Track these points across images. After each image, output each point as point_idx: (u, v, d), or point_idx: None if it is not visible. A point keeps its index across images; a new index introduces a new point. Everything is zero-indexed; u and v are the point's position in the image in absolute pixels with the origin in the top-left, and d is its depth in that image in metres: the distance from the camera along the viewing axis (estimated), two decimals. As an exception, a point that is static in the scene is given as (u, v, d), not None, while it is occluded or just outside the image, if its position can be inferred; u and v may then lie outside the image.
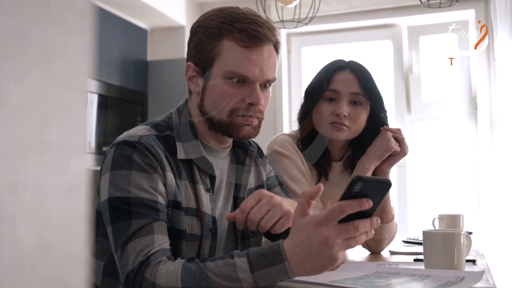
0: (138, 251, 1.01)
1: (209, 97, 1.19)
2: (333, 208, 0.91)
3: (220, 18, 1.17)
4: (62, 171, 0.38)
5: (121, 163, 1.09)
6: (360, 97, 1.59)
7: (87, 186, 0.40)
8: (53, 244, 0.37)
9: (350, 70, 1.60)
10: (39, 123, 0.37)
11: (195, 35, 1.20)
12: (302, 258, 0.93)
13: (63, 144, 0.38)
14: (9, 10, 0.36)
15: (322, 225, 0.91)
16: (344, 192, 0.90)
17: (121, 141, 1.13)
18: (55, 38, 0.38)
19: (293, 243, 0.94)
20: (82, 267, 0.39)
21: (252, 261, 0.94)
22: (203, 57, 1.18)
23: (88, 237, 0.40)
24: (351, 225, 0.91)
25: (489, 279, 1.17)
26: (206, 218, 1.18)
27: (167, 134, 1.18)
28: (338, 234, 0.91)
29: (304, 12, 2.83)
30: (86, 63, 0.40)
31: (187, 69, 1.21)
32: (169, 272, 0.97)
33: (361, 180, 0.88)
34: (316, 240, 0.91)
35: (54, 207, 0.37)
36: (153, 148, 1.11)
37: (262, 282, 0.94)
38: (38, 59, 0.37)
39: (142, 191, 1.07)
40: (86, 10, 0.41)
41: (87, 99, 0.39)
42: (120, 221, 1.05)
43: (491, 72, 3.48)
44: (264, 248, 0.96)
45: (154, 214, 1.06)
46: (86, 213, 0.40)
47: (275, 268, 0.93)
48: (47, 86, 0.38)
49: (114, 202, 1.07)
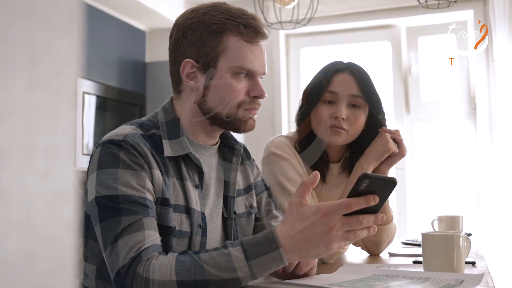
0: (129, 248, 1.00)
1: (215, 92, 1.18)
2: (341, 203, 0.96)
3: (221, 14, 1.17)
4: (48, 176, 0.37)
5: (108, 162, 1.09)
6: (358, 100, 1.59)
7: (74, 192, 0.39)
8: (39, 252, 0.36)
9: (349, 73, 1.60)
10: (24, 128, 0.36)
11: (191, 32, 1.18)
12: (299, 245, 0.96)
13: (49, 149, 0.37)
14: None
15: (329, 216, 0.95)
16: (351, 189, 0.95)
17: (106, 140, 1.12)
18: (42, 41, 0.37)
19: (291, 230, 0.97)
20: (69, 275, 0.38)
21: (247, 250, 0.97)
22: (206, 53, 1.16)
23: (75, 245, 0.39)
24: (355, 219, 0.96)
25: (488, 281, 1.16)
26: (195, 214, 1.17)
27: (153, 133, 1.18)
28: (342, 226, 0.95)
29: (302, 13, 2.83)
30: (74, 66, 0.39)
31: (184, 66, 1.19)
32: (163, 266, 0.97)
33: (367, 177, 0.93)
34: (320, 228, 0.95)
35: (40, 214, 0.36)
36: (139, 146, 1.11)
37: (258, 270, 0.97)
38: (24, 62, 0.36)
39: (130, 189, 1.06)
40: (74, 11, 0.40)
41: (74, 103, 0.38)
42: (109, 219, 1.04)
43: (490, 72, 3.47)
44: (257, 236, 0.99)
45: (144, 210, 1.05)
46: (74, 220, 0.39)
47: (270, 255, 0.96)
48: (33, 90, 0.37)
49: (102, 200, 1.06)
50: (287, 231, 0.97)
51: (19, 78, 0.36)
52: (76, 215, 0.39)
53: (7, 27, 0.35)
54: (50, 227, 0.37)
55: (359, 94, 1.58)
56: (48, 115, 0.37)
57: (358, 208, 0.95)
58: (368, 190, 0.94)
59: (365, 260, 1.60)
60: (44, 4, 0.38)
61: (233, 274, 0.96)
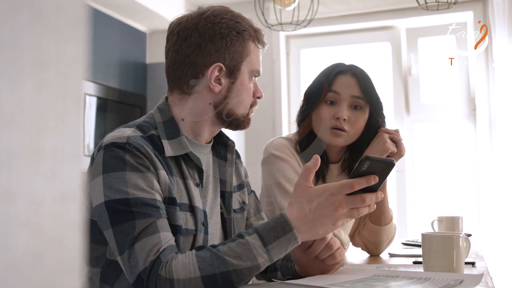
0: (148, 251, 1.02)
1: (237, 95, 1.24)
2: (344, 183, 1.05)
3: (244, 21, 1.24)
4: (55, 178, 0.38)
5: (114, 165, 1.09)
6: (360, 101, 1.60)
7: (81, 194, 0.40)
8: (46, 252, 0.37)
9: (352, 74, 1.62)
10: (32, 131, 0.37)
11: (221, 37, 1.20)
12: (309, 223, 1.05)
13: (56, 151, 0.38)
14: (1, 17, 0.35)
15: (334, 196, 1.04)
16: (353, 170, 1.05)
17: (109, 143, 1.12)
18: (49, 45, 0.38)
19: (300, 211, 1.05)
20: (76, 275, 0.39)
21: (263, 236, 1.03)
22: (234, 58, 1.22)
23: (82, 245, 0.40)
24: (359, 197, 1.05)
25: (488, 281, 1.16)
26: (199, 212, 1.19)
27: (152, 134, 1.18)
28: (346, 204, 1.05)
29: (303, 15, 2.83)
30: (80, 69, 0.40)
31: (214, 70, 1.20)
32: (185, 265, 1.00)
33: (368, 159, 1.02)
34: (328, 207, 1.04)
35: (47, 215, 0.37)
36: (143, 148, 1.12)
37: (275, 253, 1.04)
38: (31, 66, 0.37)
39: (140, 191, 1.07)
40: (80, 16, 0.40)
41: (81, 106, 0.39)
42: (123, 223, 1.05)
43: (489, 73, 3.48)
44: (269, 222, 1.06)
45: (156, 212, 1.07)
46: (80, 220, 0.39)
47: (286, 238, 1.04)
48: (40, 93, 0.38)
49: (112, 204, 1.06)
50: (296, 213, 1.06)
51: (26, 82, 0.37)
52: (83, 216, 0.40)
53: (15, 31, 0.36)
54: (57, 227, 0.37)
55: (360, 95, 1.60)
56: (55, 117, 0.38)
57: (360, 188, 1.04)
58: (369, 171, 1.04)
59: (365, 261, 1.61)
60: (51, 9, 0.39)
61: (254, 261, 1.01)
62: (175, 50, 1.23)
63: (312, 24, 2.81)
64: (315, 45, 4.06)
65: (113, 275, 1.14)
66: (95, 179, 1.10)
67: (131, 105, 3.60)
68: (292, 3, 2.68)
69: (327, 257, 1.17)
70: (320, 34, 4.01)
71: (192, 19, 1.23)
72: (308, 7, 2.75)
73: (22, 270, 0.35)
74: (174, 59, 1.23)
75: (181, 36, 1.22)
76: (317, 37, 4.03)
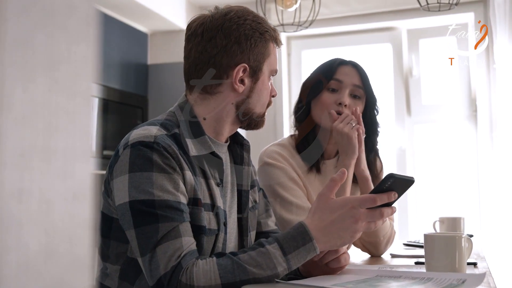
0: (169, 256, 1.03)
1: (258, 94, 1.27)
2: (367, 198, 1.07)
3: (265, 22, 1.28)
4: (66, 177, 0.38)
5: (141, 164, 1.09)
6: (360, 90, 1.69)
7: (91, 192, 0.40)
8: (58, 249, 0.37)
9: (352, 65, 1.72)
10: (44, 130, 0.37)
11: (246, 38, 1.22)
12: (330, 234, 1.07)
13: (67, 150, 0.38)
14: (14, 18, 0.36)
15: (355, 209, 1.06)
16: (377, 186, 1.09)
17: (136, 142, 1.11)
18: (60, 45, 0.39)
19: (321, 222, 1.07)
20: (87, 272, 0.39)
21: (283, 246, 1.05)
22: (257, 59, 1.24)
23: (92, 242, 0.40)
24: (378, 211, 1.08)
25: (490, 281, 1.17)
26: (221, 212, 1.20)
27: (175, 132, 1.18)
28: (365, 217, 1.07)
29: (304, 16, 2.84)
30: (91, 69, 0.41)
31: (239, 70, 1.22)
32: (206, 272, 1.01)
33: (392, 177, 1.06)
34: (348, 220, 1.06)
35: (59, 213, 0.37)
36: (170, 148, 1.11)
37: (294, 262, 1.05)
38: (43, 66, 0.38)
39: (166, 193, 1.07)
40: (90, 17, 0.41)
41: (91, 105, 0.39)
42: (146, 225, 1.05)
43: (490, 74, 3.48)
44: (290, 231, 1.07)
45: (179, 216, 1.07)
46: (91, 218, 0.40)
47: (305, 248, 1.05)
48: (52, 93, 0.38)
49: (137, 205, 1.06)
50: (316, 223, 1.07)
51: (38, 81, 0.37)
52: (93, 214, 0.40)
53: (27, 33, 0.37)
54: (68, 226, 0.38)
55: (360, 84, 1.70)
56: (66, 117, 0.39)
57: (382, 203, 1.07)
58: (390, 187, 1.08)
59: (367, 262, 1.61)
60: (62, 10, 0.39)
61: (274, 270, 1.03)
62: (199, 50, 1.22)
63: (313, 25, 2.82)
64: (317, 46, 4.06)
65: (134, 273, 1.15)
66: (120, 177, 1.10)
67: (132, 106, 3.60)
68: (293, 4, 2.69)
69: (332, 260, 1.18)
70: (322, 35, 4.02)
71: (216, 20, 1.22)
72: (310, 8, 2.75)
73: (34, 267, 0.36)
74: (197, 59, 1.23)
75: (205, 36, 1.22)
76: (318, 38, 4.04)
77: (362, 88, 1.69)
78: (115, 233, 1.15)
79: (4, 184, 0.35)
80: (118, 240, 1.14)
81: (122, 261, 1.17)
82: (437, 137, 3.76)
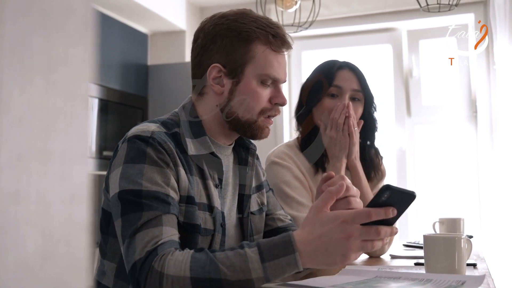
0: (146, 242, 1.01)
1: (240, 97, 1.21)
2: (361, 212, 0.96)
3: (251, 22, 1.21)
4: (64, 179, 0.38)
5: (134, 157, 1.10)
6: (359, 94, 1.74)
7: (89, 194, 0.40)
8: (55, 251, 0.37)
9: (350, 69, 1.76)
10: (41, 132, 0.37)
11: (221, 38, 1.20)
12: (317, 250, 0.96)
13: (65, 152, 0.38)
14: (11, 20, 0.36)
15: (348, 223, 0.95)
16: (372, 199, 0.96)
17: (133, 135, 1.13)
18: (58, 47, 0.39)
19: (309, 235, 0.97)
20: (84, 273, 0.39)
21: (263, 251, 0.97)
22: (234, 59, 1.20)
23: (90, 244, 0.40)
24: (374, 229, 0.95)
25: (490, 283, 1.17)
26: (217, 213, 1.19)
27: (175, 131, 1.19)
28: (359, 234, 0.95)
29: (304, 16, 2.84)
30: (88, 71, 0.41)
31: (212, 70, 1.21)
32: (178, 262, 0.98)
33: (389, 189, 0.93)
34: (339, 235, 0.95)
35: (56, 215, 0.37)
36: (166, 144, 1.12)
37: (272, 273, 0.97)
38: (40, 68, 0.38)
39: (155, 185, 1.07)
40: (88, 18, 0.41)
41: (88, 107, 0.39)
42: (130, 213, 1.05)
43: (490, 75, 3.48)
44: (274, 239, 0.99)
45: (165, 207, 1.06)
46: (88, 220, 0.40)
47: (285, 259, 0.96)
48: (49, 95, 0.38)
49: (125, 195, 1.07)
50: (305, 236, 0.98)
51: (36, 83, 0.37)
52: (91, 216, 0.40)
53: (25, 35, 0.37)
54: (66, 228, 0.38)
55: (359, 88, 1.74)
56: (63, 119, 0.39)
57: (378, 218, 0.95)
58: (388, 201, 0.95)
59: (366, 262, 1.61)
60: (60, 12, 0.39)
61: (247, 275, 0.96)
62: (191, 51, 1.28)
63: (313, 26, 2.82)
64: (317, 47, 4.06)
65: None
66: (115, 170, 1.11)
67: (133, 107, 3.60)
68: (293, 5, 2.69)
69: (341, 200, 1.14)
70: (322, 36, 4.02)
71: (203, 21, 1.26)
72: (310, 9, 2.75)
73: (31, 269, 0.36)
74: (191, 60, 1.28)
75: (194, 38, 1.27)
76: (318, 39, 4.04)
77: (361, 91, 1.74)
78: (112, 229, 1.15)
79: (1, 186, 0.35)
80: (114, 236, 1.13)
81: (118, 258, 1.17)
82: (437, 138, 3.76)
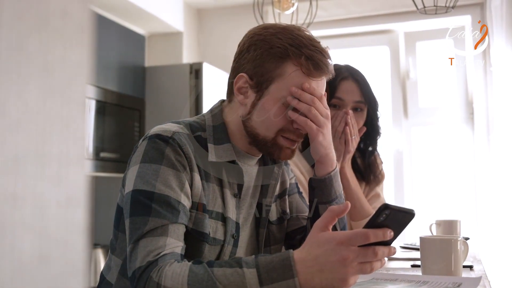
0: (148, 251, 1.01)
1: (260, 113, 1.16)
2: (358, 233, 0.91)
3: (288, 39, 1.14)
4: (60, 182, 0.38)
5: (152, 156, 1.09)
6: (361, 105, 1.75)
7: (85, 197, 0.40)
8: (52, 254, 0.37)
9: (353, 80, 1.75)
10: (38, 135, 0.37)
11: (254, 48, 1.16)
12: (313, 272, 0.92)
13: (61, 155, 0.39)
14: (8, 23, 0.36)
15: (343, 245, 0.90)
16: (369, 219, 0.91)
17: (154, 134, 1.12)
18: (54, 51, 0.39)
19: (307, 255, 0.93)
20: (81, 277, 0.39)
21: (261, 274, 0.93)
22: (261, 73, 1.15)
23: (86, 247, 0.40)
24: (371, 250, 0.90)
25: (486, 285, 1.17)
26: (230, 223, 1.17)
27: (199, 135, 1.17)
28: (356, 256, 0.90)
29: (301, 18, 2.84)
30: (85, 75, 0.41)
31: (239, 79, 1.17)
32: (175, 274, 0.97)
33: (388, 208, 0.89)
34: (334, 258, 0.90)
35: (53, 218, 0.37)
36: (185, 147, 1.11)
37: None
38: (37, 71, 0.38)
39: (168, 188, 1.06)
40: (85, 22, 0.41)
41: (85, 111, 0.40)
42: (138, 216, 1.04)
43: (487, 77, 3.49)
44: (274, 259, 0.95)
45: (173, 216, 1.05)
46: (85, 224, 0.40)
47: (284, 283, 0.92)
48: (46, 98, 0.38)
49: (137, 194, 1.06)
50: (304, 256, 0.93)
51: (33, 87, 0.38)
52: (87, 219, 0.40)
53: (21, 38, 0.37)
54: (62, 231, 0.38)
55: (362, 99, 1.74)
56: (60, 122, 0.39)
57: (376, 240, 0.90)
58: (387, 221, 0.91)
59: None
60: (57, 15, 0.39)
61: None
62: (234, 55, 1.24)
63: (310, 27, 2.81)
64: (314, 49, 4.06)
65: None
66: (132, 167, 1.10)
67: (130, 108, 3.60)
68: (290, 7, 2.69)
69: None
70: (319, 37, 4.02)
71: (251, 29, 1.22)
72: (307, 11, 2.76)
73: (28, 273, 0.36)
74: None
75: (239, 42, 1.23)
76: (315, 41, 4.05)
77: (364, 102, 1.75)
78: (123, 225, 1.14)
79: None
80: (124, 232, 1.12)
81: (125, 255, 1.16)
82: (434, 140, 3.77)
